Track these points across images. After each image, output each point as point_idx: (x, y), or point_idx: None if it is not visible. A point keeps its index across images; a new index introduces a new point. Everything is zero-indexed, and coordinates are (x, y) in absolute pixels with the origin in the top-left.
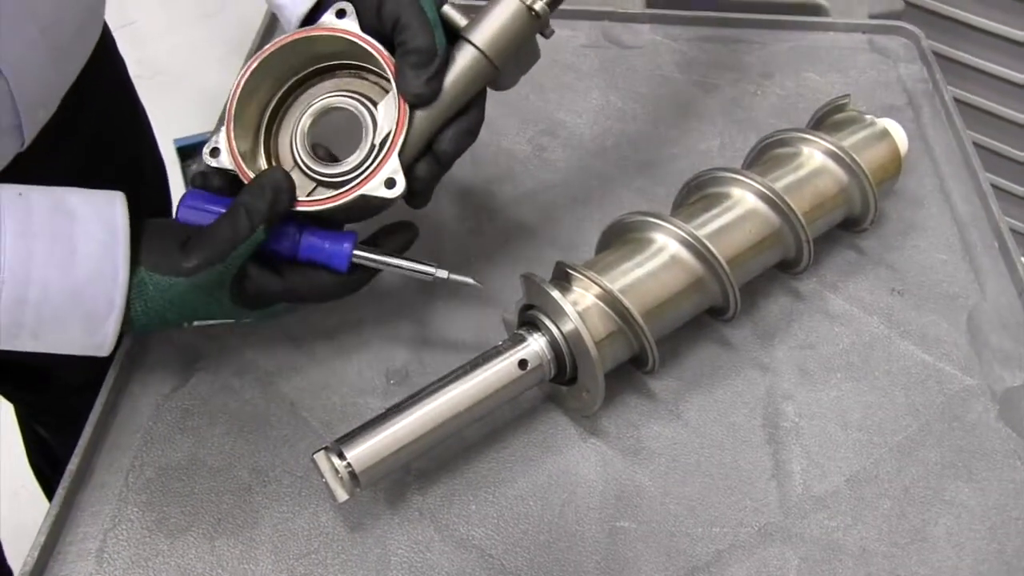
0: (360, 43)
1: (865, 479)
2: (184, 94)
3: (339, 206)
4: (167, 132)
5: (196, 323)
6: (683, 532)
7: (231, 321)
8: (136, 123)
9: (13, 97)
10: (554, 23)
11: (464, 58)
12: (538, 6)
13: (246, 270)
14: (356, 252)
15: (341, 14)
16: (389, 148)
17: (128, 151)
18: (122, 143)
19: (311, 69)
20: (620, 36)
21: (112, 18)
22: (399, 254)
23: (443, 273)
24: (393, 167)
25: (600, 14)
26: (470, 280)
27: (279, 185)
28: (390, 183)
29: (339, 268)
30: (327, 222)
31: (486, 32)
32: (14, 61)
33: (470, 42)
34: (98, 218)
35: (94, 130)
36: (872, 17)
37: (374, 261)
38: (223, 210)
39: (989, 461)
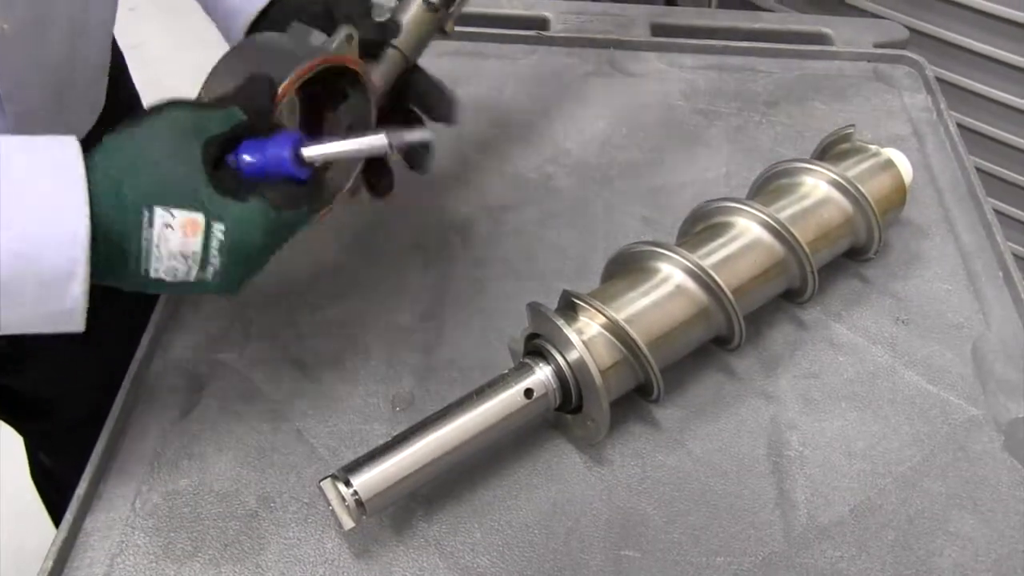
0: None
1: (869, 509)
2: None
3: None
4: None
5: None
6: (687, 561)
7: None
8: None
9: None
10: (560, 51)
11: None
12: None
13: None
14: (304, 150)
15: (350, 39)
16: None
17: None
18: None
19: None
20: (626, 64)
21: (120, 39)
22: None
23: (394, 138)
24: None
25: (606, 42)
26: (425, 134)
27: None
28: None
29: (291, 172)
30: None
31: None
32: (14, 88)
33: (394, 47)
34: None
35: None
36: (877, 46)
37: (324, 154)
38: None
39: (994, 492)
